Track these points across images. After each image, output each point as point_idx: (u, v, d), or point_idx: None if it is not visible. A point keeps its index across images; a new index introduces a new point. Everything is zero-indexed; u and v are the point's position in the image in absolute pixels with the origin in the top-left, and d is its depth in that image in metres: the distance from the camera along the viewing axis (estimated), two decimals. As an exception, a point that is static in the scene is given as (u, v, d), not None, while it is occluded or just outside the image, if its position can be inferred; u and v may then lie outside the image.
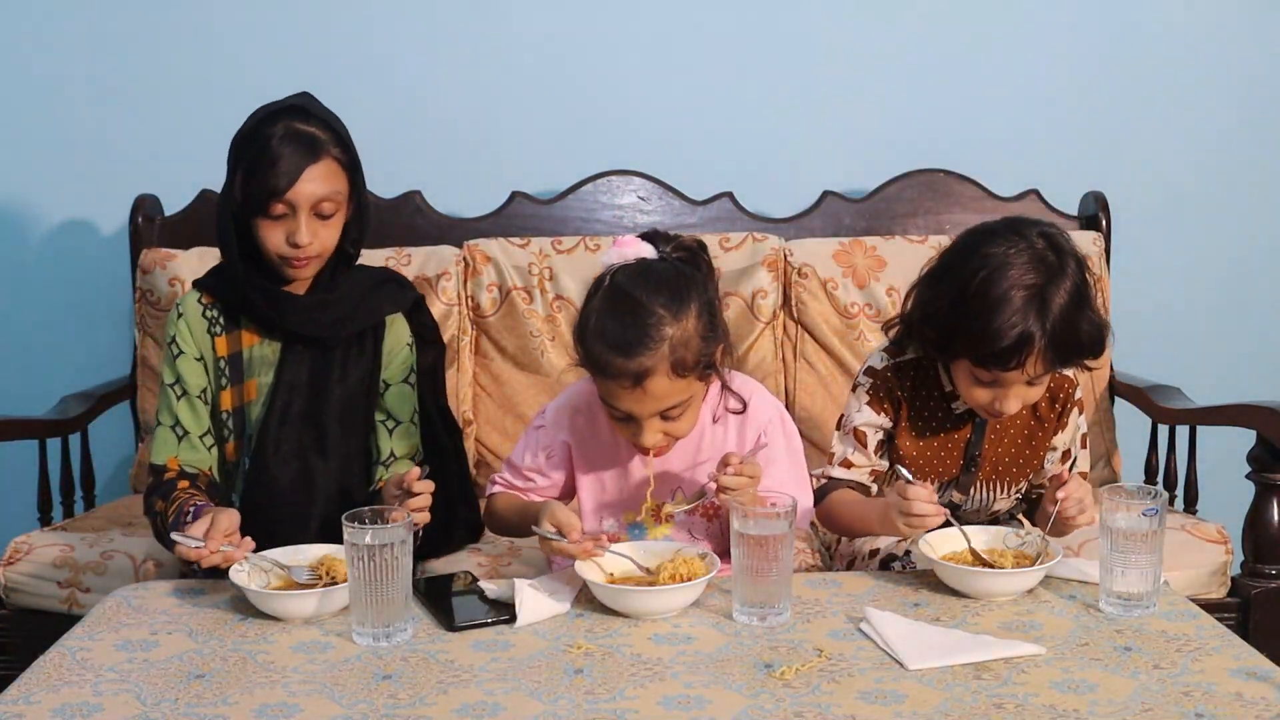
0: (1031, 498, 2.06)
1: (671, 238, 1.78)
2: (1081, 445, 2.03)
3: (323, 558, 1.71)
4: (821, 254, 2.78)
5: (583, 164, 2.92)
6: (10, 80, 2.94)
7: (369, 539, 1.52)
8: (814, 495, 1.95)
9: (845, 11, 2.97)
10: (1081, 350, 1.78)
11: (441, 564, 2.14)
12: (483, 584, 1.72)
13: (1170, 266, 3.08)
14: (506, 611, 1.61)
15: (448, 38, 2.95)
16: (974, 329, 1.74)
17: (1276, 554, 2.34)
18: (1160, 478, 2.70)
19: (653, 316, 1.66)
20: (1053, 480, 1.84)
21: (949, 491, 2.00)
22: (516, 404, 2.75)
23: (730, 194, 2.91)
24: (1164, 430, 2.69)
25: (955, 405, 1.94)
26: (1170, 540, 1.92)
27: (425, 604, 1.66)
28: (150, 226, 2.85)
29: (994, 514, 2.05)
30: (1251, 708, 1.34)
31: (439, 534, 2.03)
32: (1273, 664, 1.45)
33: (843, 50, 2.98)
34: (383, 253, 2.70)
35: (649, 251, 1.74)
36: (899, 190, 2.93)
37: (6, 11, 2.92)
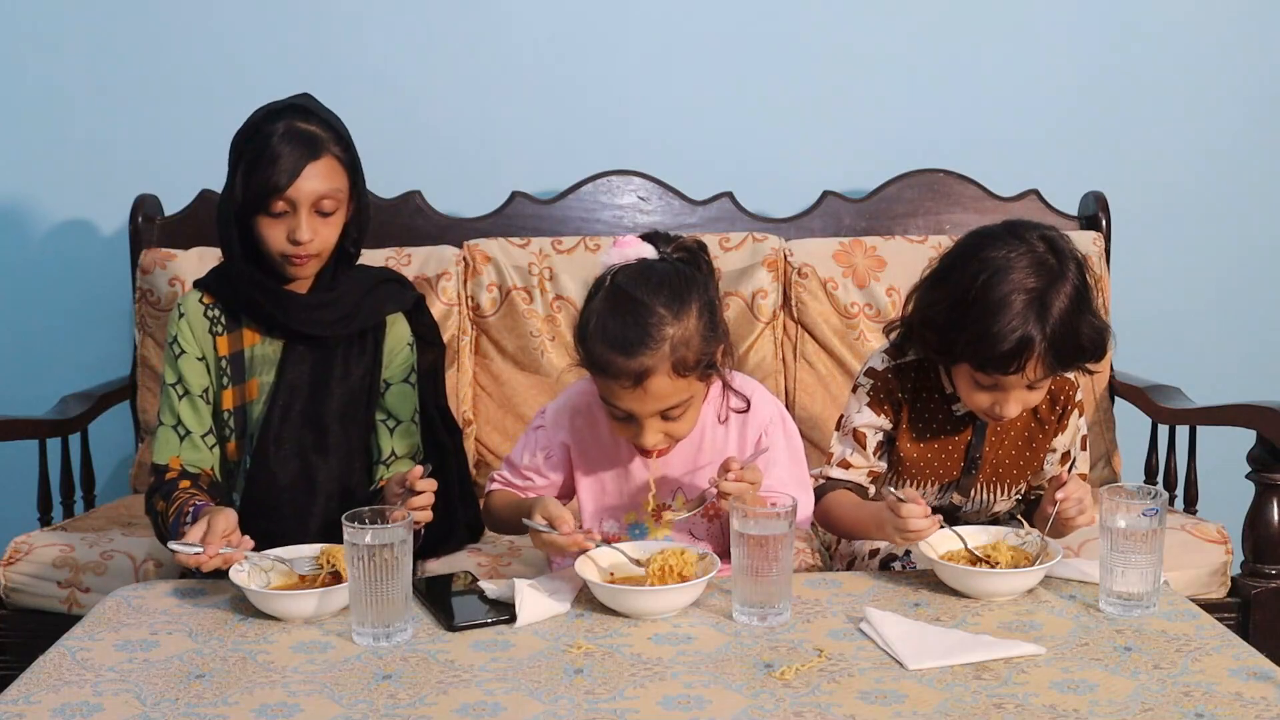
0: (1030, 499, 2.06)
1: (672, 238, 1.78)
2: (1081, 447, 2.03)
3: (324, 548, 1.71)
4: (821, 254, 2.78)
5: (583, 164, 2.92)
6: (10, 80, 2.94)
7: (369, 539, 1.52)
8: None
9: (845, 12, 2.97)
10: (1082, 354, 1.77)
11: (441, 564, 2.14)
12: (483, 584, 1.72)
13: (1170, 266, 3.08)
14: (506, 611, 1.61)
15: (448, 38, 2.95)
16: (974, 333, 1.73)
17: (1276, 554, 2.34)
18: (1160, 478, 2.70)
19: (654, 316, 1.66)
20: (1052, 481, 1.84)
21: (949, 493, 2.00)
22: (516, 404, 2.75)
23: (730, 194, 2.91)
24: (1164, 430, 2.69)
25: (956, 407, 1.94)
26: (1170, 540, 1.92)
27: (425, 604, 1.66)
28: (150, 226, 2.85)
29: (993, 515, 2.05)
30: (1251, 708, 1.34)
31: (439, 534, 2.04)
32: (1273, 664, 1.45)
33: (843, 50, 2.98)
34: (383, 253, 2.69)
35: (649, 252, 1.74)
36: (899, 190, 2.93)
37: (6, 11, 2.92)
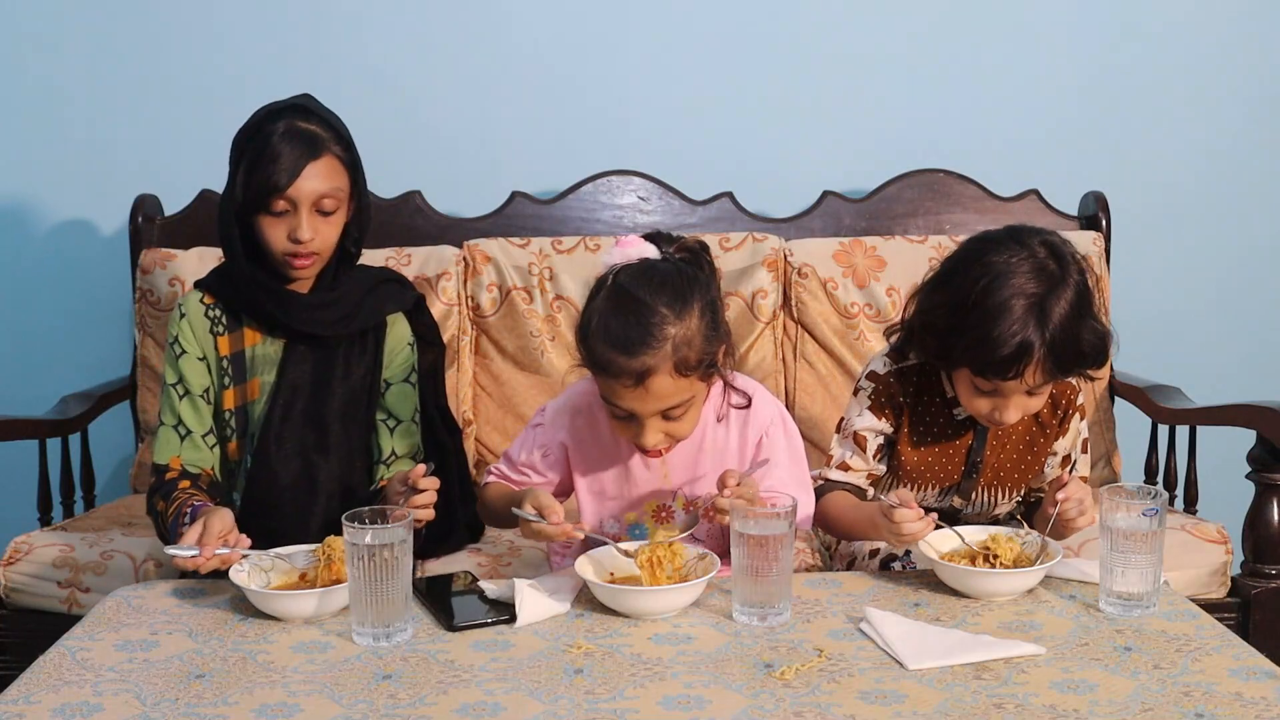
0: (1030, 500, 2.06)
1: (674, 238, 1.78)
2: (1082, 450, 2.02)
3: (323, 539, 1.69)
4: (821, 254, 2.78)
5: (583, 164, 2.92)
6: (10, 80, 2.94)
7: (369, 539, 1.52)
8: (811, 496, 1.94)
9: (845, 12, 2.97)
10: (1083, 360, 1.76)
11: (441, 564, 2.14)
12: (483, 584, 1.72)
13: (1170, 266, 3.08)
14: (506, 611, 1.61)
15: (448, 38, 2.95)
16: (973, 338, 1.73)
17: (1276, 554, 2.34)
18: (1160, 478, 2.70)
19: (655, 316, 1.66)
20: (1052, 483, 1.84)
21: (950, 497, 2.00)
22: (516, 404, 2.75)
23: (730, 194, 2.91)
24: (1164, 430, 2.69)
25: (957, 411, 1.93)
26: (1170, 540, 1.92)
27: (425, 604, 1.66)
28: (150, 227, 2.85)
29: (994, 518, 2.05)
30: (1251, 708, 1.34)
31: (439, 534, 2.04)
32: (1273, 664, 1.45)
33: (843, 50, 2.98)
34: (383, 253, 2.69)
35: (651, 251, 1.74)
36: (899, 190, 2.93)
37: (6, 11, 2.92)
